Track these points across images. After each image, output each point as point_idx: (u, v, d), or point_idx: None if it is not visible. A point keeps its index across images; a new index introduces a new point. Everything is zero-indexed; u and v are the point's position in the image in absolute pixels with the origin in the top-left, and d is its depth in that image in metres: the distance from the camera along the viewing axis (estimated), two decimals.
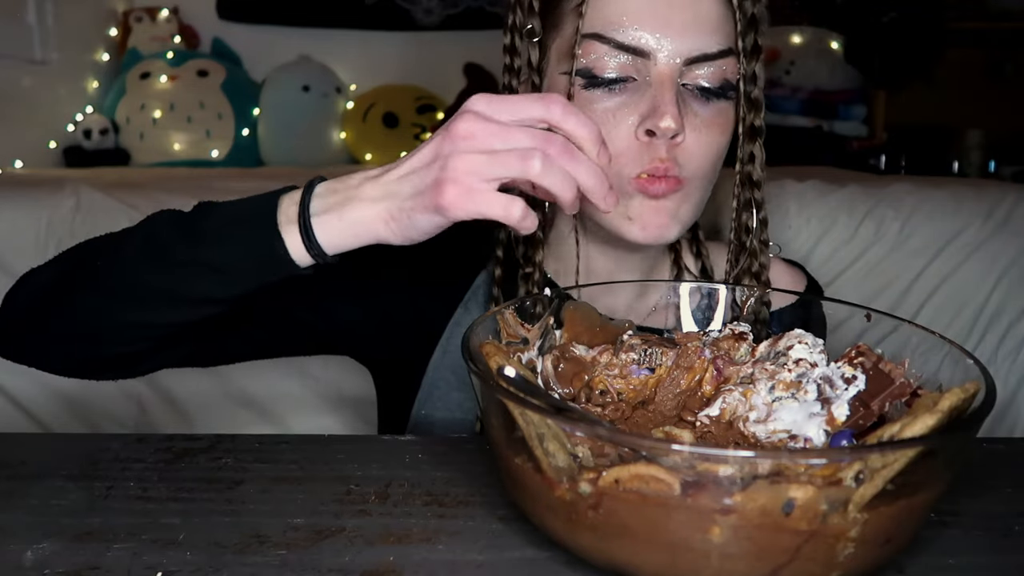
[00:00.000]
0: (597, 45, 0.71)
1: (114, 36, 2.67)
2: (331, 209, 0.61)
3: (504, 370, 0.53)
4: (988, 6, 2.92)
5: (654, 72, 0.71)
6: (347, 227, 0.61)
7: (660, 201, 0.72)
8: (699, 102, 0.73)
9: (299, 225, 0.61)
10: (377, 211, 0.60)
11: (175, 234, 0.64)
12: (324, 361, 1.35)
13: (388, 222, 0.60)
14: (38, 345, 0.71)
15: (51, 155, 2.37)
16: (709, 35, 0.72)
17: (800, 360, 0.56)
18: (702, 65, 0.72)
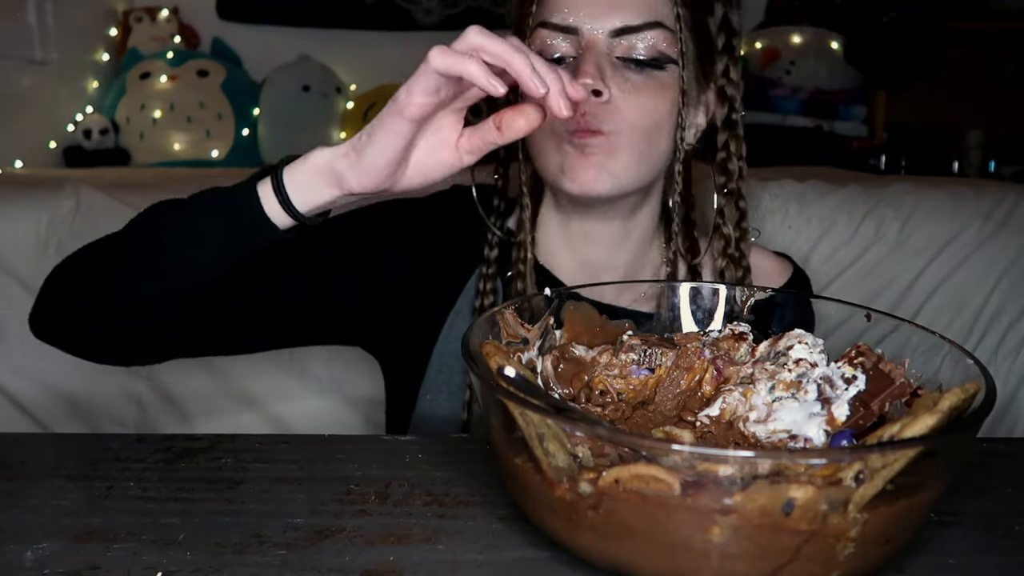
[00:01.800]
0: (542, 31, 0.80)
1: (114, 36, 2.67)
2: (298, 161, 0.65)
3: (504, 370, 0.53)
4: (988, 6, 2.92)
5: (582, 46, 0.79)
6: (310, 169, 0.64)
7: (588, 157, 0.79)
8: (632, 71, 0.79)
9: (271, 180, 0.65)
10: (338, 148, 0.64)
11: (170, 210, 0.71)
12: (324, 361, 1.35)
13: (346, 154, 0.63)
14: (73, 325, 0.77)
15: (51, 155, 2.37)
16: (633, 9, 0.79)
17: (800, 360, 0.56)
18: (629, 37, 0.79)
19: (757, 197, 1.33)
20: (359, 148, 0.62)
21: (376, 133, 0.62)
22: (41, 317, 0.79)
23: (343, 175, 0.63)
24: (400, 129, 0.61)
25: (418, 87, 0.60)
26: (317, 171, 0.64)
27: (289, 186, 0.65)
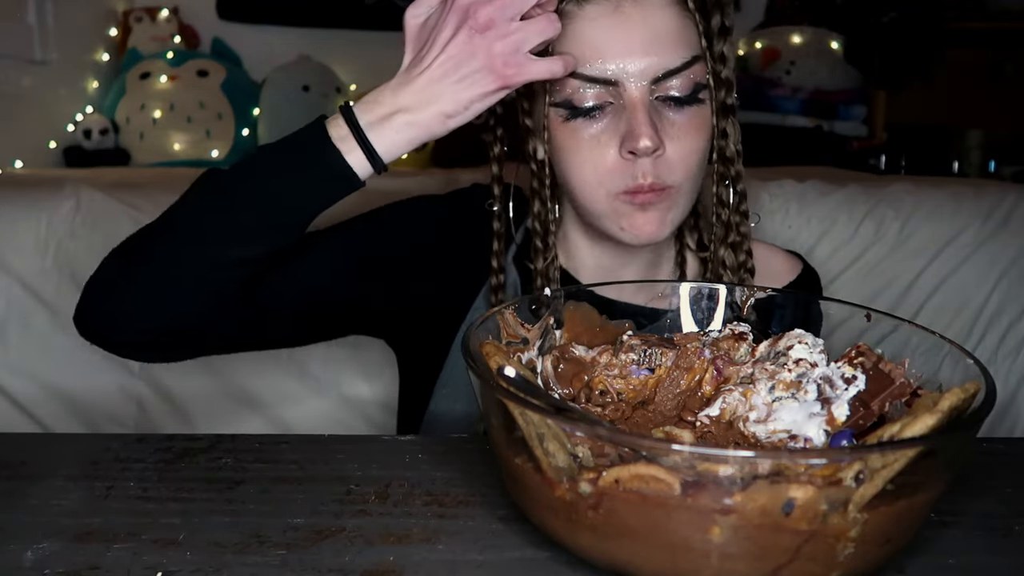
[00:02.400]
0: (571, 81, 0.76)
1: (114, 36, 2.67)
2: (383, 121, 0.69)
3: (504, 370, 0.53)
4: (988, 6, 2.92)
5: (626, 96, 0.75)
6: (404, 134, 0.69)
7: (649, 211, 0.77)
8: (673, 111, 0.77)
9: (356, 139, 0.69)
10: (432, 113, 0.69)
11: (230, 177, 0.72)
12: (324, 361, 1.35)
13: (446, 120, 0.69)
14: (124, 312, 0.74)
15: (51, 155, 2.36)
16: (672, 51, 0.75)
17: (800, 360, 0.56)
18: (670, 79, 0.76)
19: (757, 197, 1.33)
20: (457, 112, 0.69)
21: (473, 105, 0.69)
22: (90, 308, 0.76)
23: (440, 134, 0.70)
24: (495, 97, 0.70)
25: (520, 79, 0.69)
26: (412, 134, 0.69)
27: (379, 145, 0.69)
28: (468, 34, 0.67)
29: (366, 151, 0.69)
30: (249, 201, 0.70)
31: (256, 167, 0.72)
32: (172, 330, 0.75)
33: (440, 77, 0.68)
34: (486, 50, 0.67)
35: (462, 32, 0.67)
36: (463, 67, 0.68)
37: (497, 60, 0.67)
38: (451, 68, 0.68)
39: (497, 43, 0.67)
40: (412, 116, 0.69)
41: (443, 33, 0.68)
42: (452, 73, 0.68)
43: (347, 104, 0.71)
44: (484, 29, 0.67)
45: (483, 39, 0.67)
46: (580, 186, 0.79)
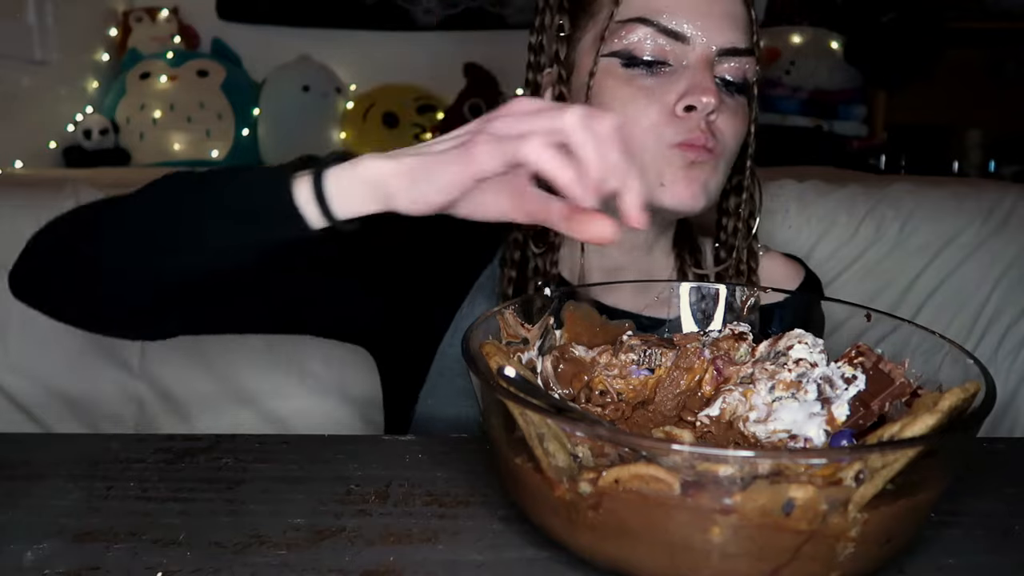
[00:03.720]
0: (640, 28, 0.75)
1: (114, 36, 2.67)
2: (346, 166, 0.61)
3: (504, 370, 0.53)
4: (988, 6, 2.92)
5: (692, 56, 0.76)
6: (358, 179, 0.60)
7: (692, 171, 0.76)
8: (726, 94, 0.78)
9: (312, 177, 0.60)
10: (393, 165, 0.59)
11: (187, 184, 0.67)
12: (324, 361, 1.35)
13: (401, 175, 0.58)
14: (57, 291, 0.72)
15: (51, 155, 2.37)
16: (740, 31, 0.77)
17: (800, 360, 0.56)
18: (731, 59, 0.77)
19: None
20: (415, 174, 0.58)
21: (436, 172, 0.57)
22: (27, 275, 0.74)
23: (393, 196, 0.59)
24: (462, 181, 0.57)
25: (497, 160, 0.55)
26: (365, 182, 0.60)
27: (330, 189, 0.60)
28: (480, 119, 0.59)
29: (319, 198, 0.60)
30: (199, 214, 0.64)
31: (216, 182, 0.66)
32: (119, 317, 0.73)
33: (429, 142, 0.61)
34: (479, 127, 0.58)
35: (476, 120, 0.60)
36: (451, 138, 0.59)
37: (482, 134, 0.56)
38: (443, 138, 0.60)
39: (497, 122, 0.57)
40: (379, 169, 0.59)
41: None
42: (441, 140, 0.60)
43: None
44: (497, 116, 0.58)
45: (486, 120, 0.58)
46: (627, 137, 0.77)
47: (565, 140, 0.54)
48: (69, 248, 0.70)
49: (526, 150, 0.54)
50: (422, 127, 2.54)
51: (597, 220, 0.55)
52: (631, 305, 0.76)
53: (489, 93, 2.59)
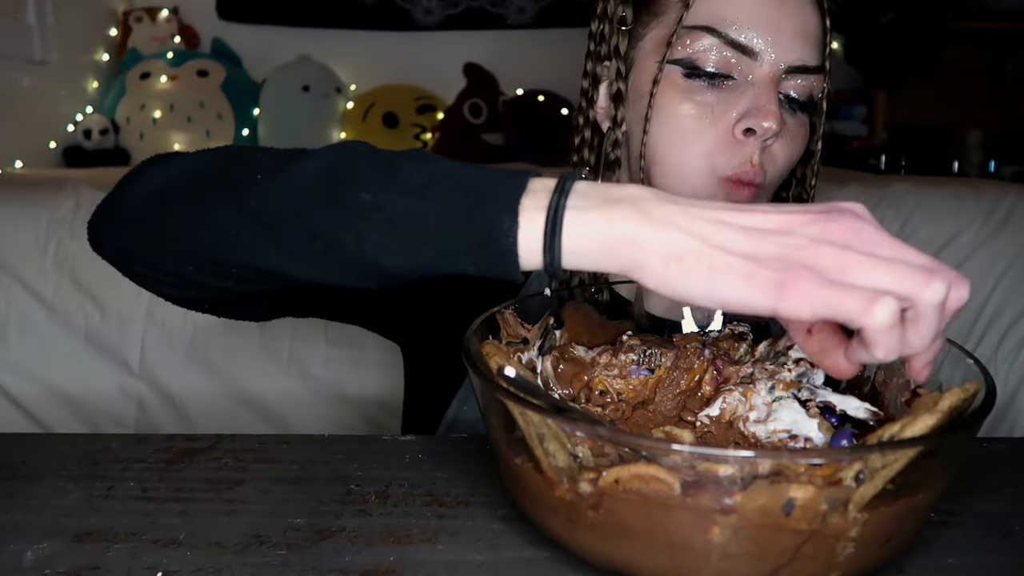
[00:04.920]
0: (707, 38, 0.71)
1: (114, 36, 2.67)
2: (596, 208, 0.45)
3: (504, 370, 0.53)
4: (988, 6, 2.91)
5: (758, 73, 0.71)
6: (607, 236, 0.45)
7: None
8: (787, 112, 0.73)
9: (547, 212, 0.45)
10: (662, 242, 0.43)
11: (363, 169, 0.50)
12: (324, 361, 1.35)
13: (674, 261, 0.43)
14: (148, 252, 0.59)
15: (51, 155, 2.37)
16: (812, 48, 0.73)
17: (800, 360, 0.56)
18: (798, 76, 0.72)
19: None
20: (688, 268, 0.43)
21: (720, 281, 0.42)
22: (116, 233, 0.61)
23: (644, 271, 0.44)
24: (752, 307, 0.42)
25: (817, 312, 0.41)
26: (613, 241, 0.44)
27: (569, 238, 0.45)
28: (814, 222, 0.44)
29: (549, 234, 0.45)
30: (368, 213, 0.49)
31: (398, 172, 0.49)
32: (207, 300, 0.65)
33: (722, 224, 0.44)
34: (804, 243, 0.43)
35: (810, 218, 0.44)
36: (758, 234, 0.43)
37: (805, 258, 0.42)
38: (750, 226, 0.44)
39: (827, 248, 0.42)
40: (633, 233, 0.44)
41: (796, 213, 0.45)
42: (745, 232, 0.43)
43: (571, 174, 0.48)
44: (840, 236, 0.43)
45: (821, 233, 0.43)
46: (680, 157, 0.72)
47: (909, 308, 0.42)
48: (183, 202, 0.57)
49: (871, 321, 0.40)
50: (422, 127, 2.54)
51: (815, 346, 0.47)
52: (659, 309, 0.75)
53: (489, 93, 2.59)
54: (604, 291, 0.73)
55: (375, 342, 1.35)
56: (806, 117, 0.76)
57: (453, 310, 0.80)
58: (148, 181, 0.60)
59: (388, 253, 0.48)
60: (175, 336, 1.35)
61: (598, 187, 0.47)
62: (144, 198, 0.59)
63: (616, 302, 0.77)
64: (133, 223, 0.60)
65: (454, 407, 0.84)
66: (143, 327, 1.34)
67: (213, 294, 0.62)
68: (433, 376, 0.88)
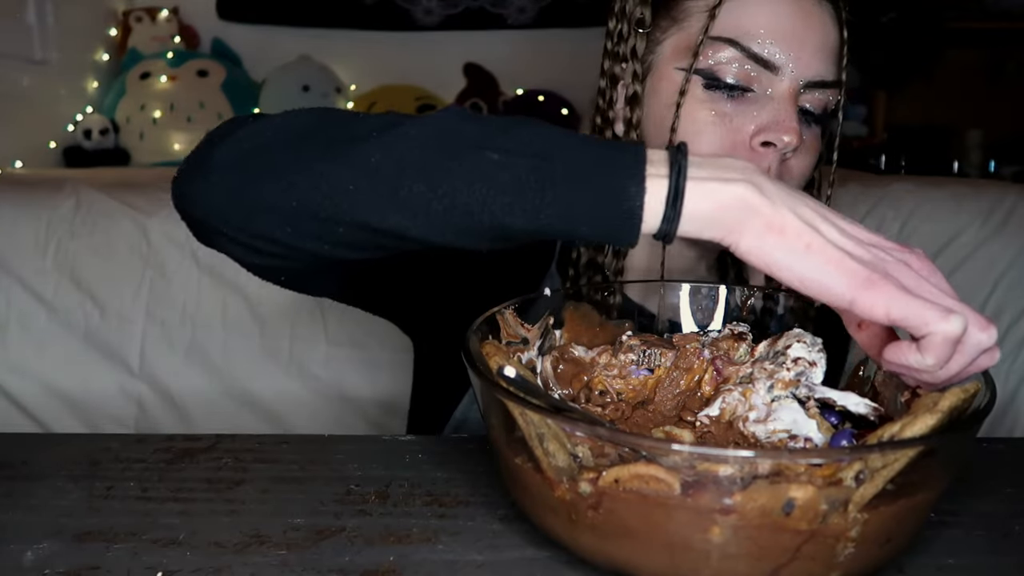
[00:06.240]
0: (728, 49, 0.71)
1: (114, 36, 2.67)
2: (712, 177, 0.48)
3: (504, 370, 0.53)
4: (988, 6, 2.92)
5: (778, 87, 0.72)
6: (723, 201, 0.48)
7: None
8: (803, 124, 0.74)
9: (670, 179, 0.48)
10: (768, 213, 0.47)
11: (485, 131, 0.51)
12: (324, 361, 1.35)
13: (767, 228, 0.47)
14: (242, 211, 0.56)
15: (51, 155, 2.37)
16: (831, 62, 0.74)
17: (799, 359, 0.56)
18: (816, 90, 0.73)
19: None
20: (786, 242, 0.47)
21: (811, 262, 0.46)
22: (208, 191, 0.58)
23: (740, 237, 0.48)
24: (829, 295, 0.47)
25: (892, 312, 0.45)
26: (726, 207, 0.48)
27: (691, 200, 0.48)
28: (899, 246, 0.50)
29: (673, 198, 0.48)
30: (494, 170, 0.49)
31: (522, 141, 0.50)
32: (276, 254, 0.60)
33: (825, 219, 0.48)
34: (887, 256, 0.48)
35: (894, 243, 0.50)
36: (855, 237, 0.48)
37: (888, 266, 0.47)
38: (846, 229, 0.49)
39: (906, 269, 0.48)
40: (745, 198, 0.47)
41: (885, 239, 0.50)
42: (845, 230, 0.49)
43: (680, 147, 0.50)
44: (914, 262, 0.49)
45: (901, 255, 0.49)
46: None
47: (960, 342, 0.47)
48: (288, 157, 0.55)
49: (944, 327, 0.45)
50: None
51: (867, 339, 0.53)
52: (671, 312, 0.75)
53: (489, 93, 2.59)
54: (616, 294, 0.73)
55: (375, 342, 1.35)
56: (819, 129, 0.76)
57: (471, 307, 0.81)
58: (245, 137, 0.58)
59: (512, 212, 0.49)
60: (175, 336, 1.35)
61: (709, 160, 0.50)
62: (242, 154, 0.57)
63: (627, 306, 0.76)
64: (228, 180, 0.56)
65: (463, 407, 0.83)
66: (143, 327, 1.34)
67: (299, 260, 0.60)
68: (442, 376, 0.88)
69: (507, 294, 0.68)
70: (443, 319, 0.84)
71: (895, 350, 0.48)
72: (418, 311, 0.86)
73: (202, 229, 0.61)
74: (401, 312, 0.88)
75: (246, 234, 0.57)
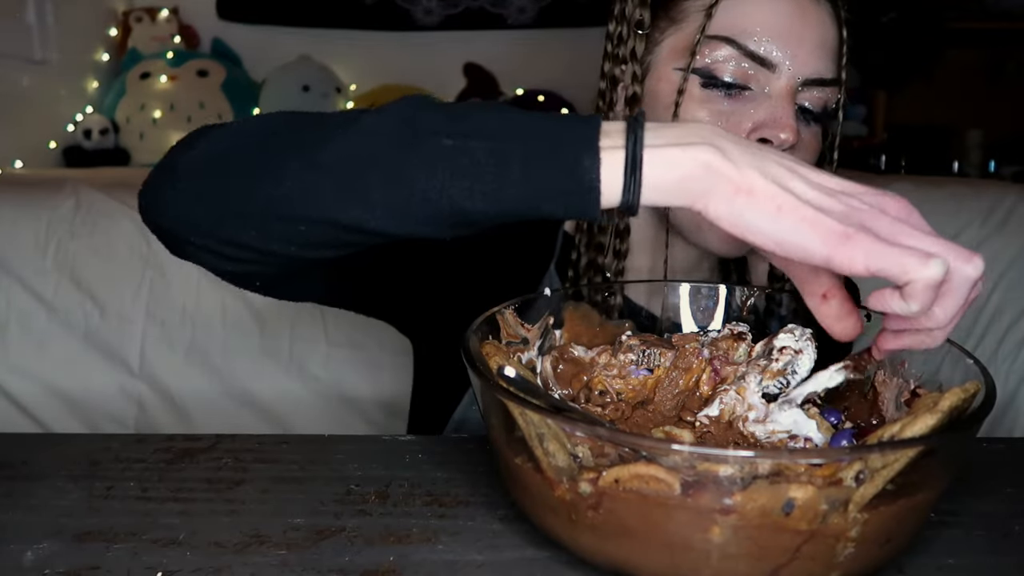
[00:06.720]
0: (725, 48, 0.71)
1: (114, 36, 2.67)
2: (671, 144, 0.47)
3: (504, 370, 0.53)
4: (988, 6, 2.92)
5: (775, 85, 0.72)
6: (685, 168, 0.47)
7: None
8: (802, 123, 0.74)
9: (626, 149, 0.47)
10: (732, 175, 0.46)
11: (440, 119, 0.50)
12: (324, 361, 1.35)
13: (734, 191, 0.46)
14: (209, 217, 0.56)
15: (51, 155, 2.37)
16: (829, 60, 0.73)
17: (784, 348, 0.55)
18: (815, 88, 0.73)
19: None
20: (757, 203, 0.45)
21: (785, 222, 0.45)
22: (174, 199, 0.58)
23: (708, 201, 0.46)
24: (806, 253, 0.45)
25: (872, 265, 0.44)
26: (687, 175, 0.47)
27: (650, 169, 0.47)
28: (874, 193, 0.47)
29: (629, 168, 0.47)
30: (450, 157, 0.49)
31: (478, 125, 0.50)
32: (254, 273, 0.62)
33: (792, 173, 0.47)
34: (861, 205, 0.46)
35: (864, 189, 0.48)
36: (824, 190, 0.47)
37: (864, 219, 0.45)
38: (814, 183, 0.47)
39: (884, 221, 0.46)
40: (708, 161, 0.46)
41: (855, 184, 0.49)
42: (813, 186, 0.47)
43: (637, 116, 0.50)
44: (890, 211, 0.47)
45: (877, 202, 0.47)
46: None
47: (945, 282, 0.45)
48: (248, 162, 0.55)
49: (925, 273, 0.43)
50: None
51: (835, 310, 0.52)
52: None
53: (489, 93, 2.59)
54: (617, 294, 0.73)
55: (375, 342, 1.35)
56: (819, 128, 0.76)
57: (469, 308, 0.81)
58: (208, 144, 0.58)
59: (472, 196, 0.49)
60: (175, 336, 1.35)
61: (667, 126, 0.49)
62: (207, 160, 0.57)
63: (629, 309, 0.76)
64: (195, 187, 0.57)
65: (462, 408, 0.83)
66: (143, 327, 1.34)
67: (270, 264, 0.60)
68: (442, 376, 0.88)
69: (505, 294, 0.68)
70: (441, 319, 0.84)
71: (878, 298, 0.47)
72: (413, 312, 0.86)
73: (171, 239, 0.61)
74: (394, 313, 0.88)
75: (215, 240, 0.57)
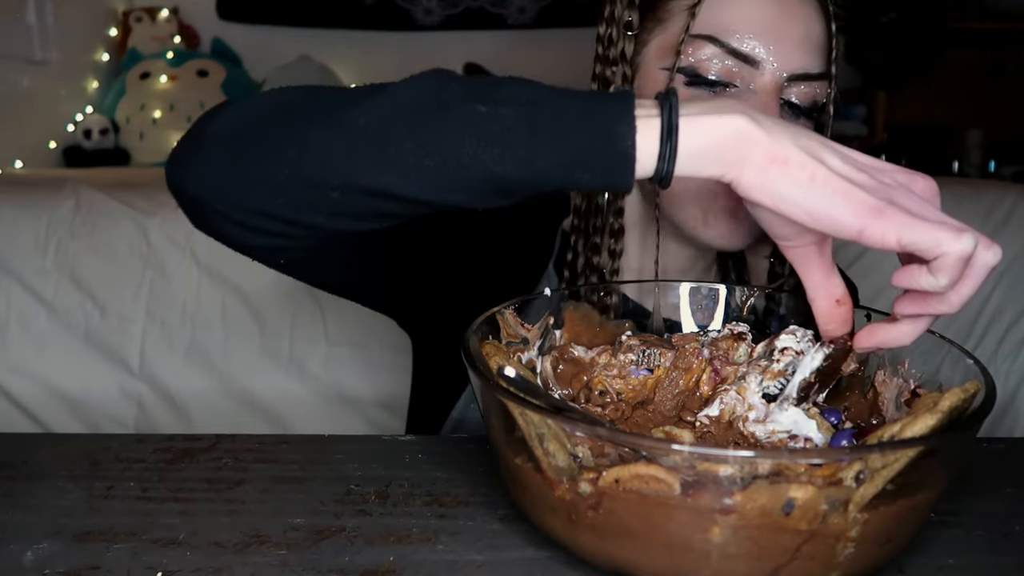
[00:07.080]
0: (708, 46, 0.71)
1: (114, 36, 2.67)
2: (705, 114, 0.48)
3: (504, 370, 0.53)
4: (988, 6, 2.92)
5: (759, 82, 0.72)
6: (720, 137, 0.47)
7: (740, 211, 0.72)
8: (789, 118, 0.74)
9: (661, 119, 0.48)
10: (778, 142, 0.46)
11: (472, 88, 0.52)
12: (324, 361, 1.35)
13: (778, 163, 0.46)
14: (234, 187, 0.56)
15: (51, 155, 2.37)
16: (815, 55, 0.73)
17: (785, 349, 0.55)
18: (801, 83, 0.73)
19: None
20: (791, 174, 0.46)
21: (817, 193, 0.46)
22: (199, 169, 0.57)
23: (742, 171, 0.47)
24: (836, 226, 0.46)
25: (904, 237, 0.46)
26: (721, 144, 0.47)
27: (686, 138, 0.47)
28: (905, 172, 0.50)
29: (665, 137, 0.48)
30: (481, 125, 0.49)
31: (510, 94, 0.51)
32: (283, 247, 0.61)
33: (830, 149, 0.48)
34: (894, 182, 0.48)
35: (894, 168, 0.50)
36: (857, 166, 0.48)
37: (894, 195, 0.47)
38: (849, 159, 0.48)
39: (913, 197, 0.48)
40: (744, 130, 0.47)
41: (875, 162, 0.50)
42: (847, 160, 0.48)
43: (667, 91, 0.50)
44: (918, 190, 0.50)
45: (908, 181, 0.49)
46: (689, 186, 0.73)
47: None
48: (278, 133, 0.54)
49: (957, 246, 0.46)
50: None
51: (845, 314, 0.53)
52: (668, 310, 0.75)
53: None
54: (613, 294, 0.73)
55: (375, 342, 1.35)
56: (810, 123, 0.76)
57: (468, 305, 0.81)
58: (236, 112, 0.57)
59: (504, 162, 0.49)
60: (175, 336, 1.35)
61: (699, 99, 0.51)
62: (233, 129, 0.56)
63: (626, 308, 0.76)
64: (221, 155, 0.56)
65: (460, 407, 0.83)
66: (143, 327, 1.34)
67: (297, 238, 0.59)
68: (440, 374, 0.88)
69: (505, 294, 0.68)
70: (441, 317, 0.84)
71: (905, 274, 0.48)
72: (416, 307, 0.86)
73: (197, 209, 0.59)
74: (399, 307, 0.88)
75: (241, 210, 0.56)
